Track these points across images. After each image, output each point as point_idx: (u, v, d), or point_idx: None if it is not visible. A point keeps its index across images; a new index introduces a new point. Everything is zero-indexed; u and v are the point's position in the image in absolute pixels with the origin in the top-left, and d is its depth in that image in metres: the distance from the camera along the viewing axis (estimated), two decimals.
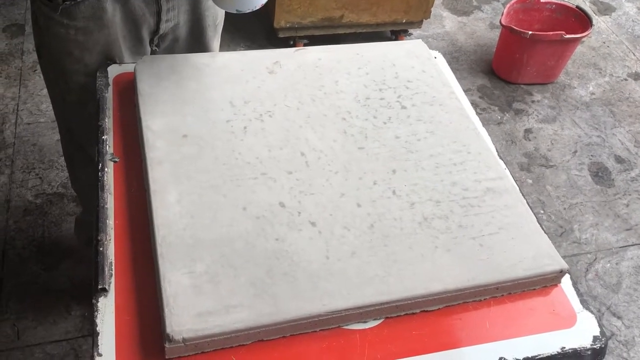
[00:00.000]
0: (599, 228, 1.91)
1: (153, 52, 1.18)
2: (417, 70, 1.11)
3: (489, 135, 1.06)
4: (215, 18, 1.23)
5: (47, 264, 1.59)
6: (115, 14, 1.06)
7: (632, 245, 1.86)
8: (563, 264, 0.84)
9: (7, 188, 1.75)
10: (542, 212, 1.93)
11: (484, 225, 0.87)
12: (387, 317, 0.79)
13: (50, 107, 1.99)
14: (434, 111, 1.04)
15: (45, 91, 2.06)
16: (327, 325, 0.77)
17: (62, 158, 1.84)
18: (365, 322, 0.78)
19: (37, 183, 1.77)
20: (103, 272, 0.78)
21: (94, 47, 1.08)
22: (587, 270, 1.78)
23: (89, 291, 1.51)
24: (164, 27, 1.14)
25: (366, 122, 1.01)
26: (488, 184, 0.93)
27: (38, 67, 2.16)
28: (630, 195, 2.03)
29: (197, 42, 1.24)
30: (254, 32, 2.46)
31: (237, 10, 0.96)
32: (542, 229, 0.89)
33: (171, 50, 1.21)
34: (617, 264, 1.81)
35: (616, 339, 1.62)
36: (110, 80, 1.07)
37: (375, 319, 0.79)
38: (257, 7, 0.97)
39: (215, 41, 1.29)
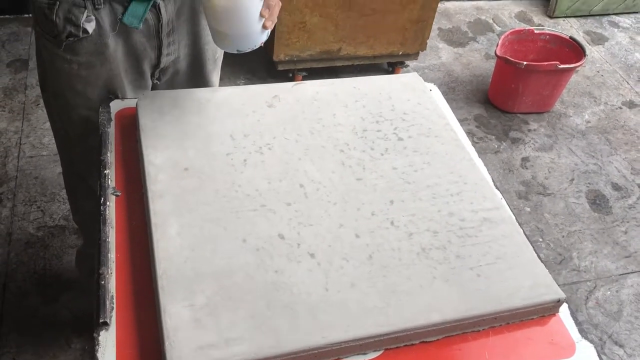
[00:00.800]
0: (598, 255, 1.91)
1: (154, 86, 1.21)
2: (413, 103, 1.14)
3: (487, 164, 1.07)
4: (214, 52, 1.26)
5: (48, 297, 1.59)
6: (117, 49, 1.09)
7: (631, 272, 1.86)
8: (560, 293, 0.85)
9: (9, 221, 1.76)
10: (540, 240, 1.93)
11: (482, 255, 0.88)
12: (386, 349, 0.80)
13: (53, 141, 2.01)
14: (430, 142, 1.06)
15: (47, 125, 2.09)
16: (327, 357, 0.77)
17: (64, 191, 1.86)
18: (365, 353, 0.79)
19: (39, 216, 1.79)
20: (104, 306, 0.79)
21: (96, 82, 1.11)
22: (588, 298, 1.78)
23: (89, 324, 1.51)
24: (165, 60, 1.17)
25: (364, 154, 1.03)
26: (485, 214, 0.95)
27: (41, 101, 2.19)
28: (628, 222, 2.04)
29: (197, 76, 1.26)
30: (253, 65, 2.50)
31: (237, 50, 0.99)
32: (539, 258, 0.90)
33: (172, 83, 1.24)
34: (617, 291, 1.80)
35: None
36: (113, 115, 1.09)
37: (374, 351, 0.79)
38: (257, 46, 1.00)
39: (215, 74, 1.32)
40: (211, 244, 0.85)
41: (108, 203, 0.92)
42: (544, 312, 0.86)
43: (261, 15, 0.96)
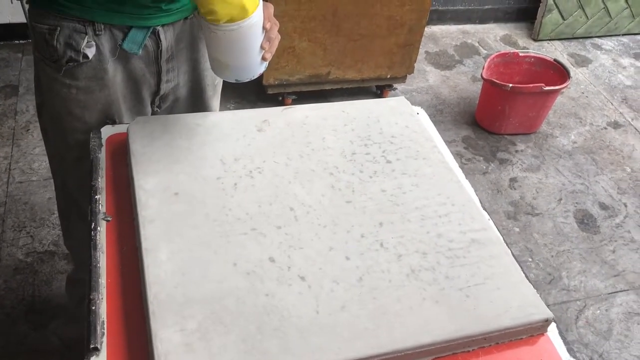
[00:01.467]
0: (587, 275, 1.93)
1: (154, 113, 1.22)
2: (400, 126, 1.16)
3: (475, 185, 1.09)
4: (214, 78, 1.28)
5: (37, 324, 1.57)
6: (116, 74, 1.10)
7: (620, 291, 1.88)
8: (548, 313, 0.86)
9: None
10: (530, 260, 1.95)
11: (470, 276, 0.89)
12: None
13: (42, 166, 2.02)
14: (417, 165, 1.07)
15: (37, 150, 2.09)
16: None
17: (54, 216, 1.86)
18: None
19: (28, 241, 1.78)
20: (95, 331, 0.78)
21: (94, 106, 1.12)
22: (578, 317, 1.79)
23: (79, 351, 1.49)
24: (165, 87, 1.18)
25: (353, 177, 1.04)
26: (473, 235, 0.96)
27: (31, 127, 2.20)
28: (616, 241, 2.06)
29: (197, 102, 1.28)
30: (243, 89, 2.52)
31: (236, 80, 1.02)
32: (528, 278, 0.91)
33: (172, 110, 1.25)
34: (606, 310, 1.82)
35: None
36: (104, 141, 1.09)
37: None
38: (255, 77, 1.02)
39: (215, 100, 1.33)
40: (202, 268, 0.86)
41: (99, 228, 0.93)
42: (533, 331, 0.87)
43: (262, 48, 0.99)
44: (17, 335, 1.54)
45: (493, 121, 2.51)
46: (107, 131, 1.12)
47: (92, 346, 0.77)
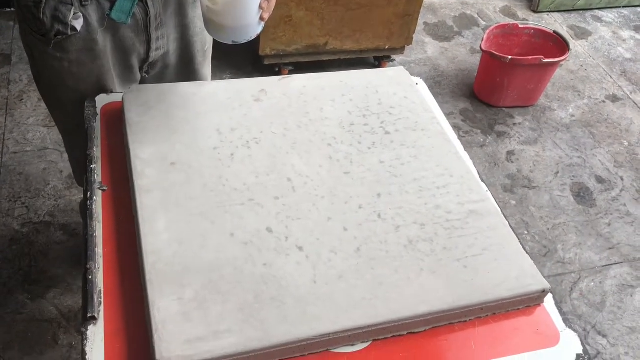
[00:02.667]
0: (582, 247, 1.94)
1: (142, 79, 1.20)
2: (399, 97, 1.14)
3: (472, 157, 1.08)
4: (204, 44, 1.25)
5: (34, 294, 1.57)
6: (106, 44, 1.08)
7: (615, 263, 1.89)
8: (545, 284, 0.86)
9: None
10: (526, 232, 1.96)
11: (468, 247, 0.89)
12: (374, 340, 0.80)
13: (37, 136, 2.00)
14: (416, 136, 1.07)
15: (31, 120, 2.07)
16: (316, 349, 0.78)
17: (49, 187, 1.85)
18: (353, 344, 0.79)
19: (24, 212, 1.77)
20: (92, 300, 0.78)
21: (87, 78, 1.11)
22: (572, 289, 1.80)
23: (76, 320, 1.50)
24: (154, 55, 1.16)
25: (351, 148, 1.03)
26: (471, 206, 0.96)
27: (25, 97, 2.17)
28: (611, 214, 2.07)
29: (187, 69, 1.26)
30: (239, 59, 2.49)
31: (233, 41, 0.99)
32: (525, 249, 0.91)
33: (161, 77, 1.23)
34: (600, 282, 1.83)
35: (602, 358, 1.64)
36: (98, 110, 1.08)
37: (363, 342, 0.80)
38: (253, 37, 1.00)
39: (206, 66, 1.31)
40: (199, 238, 0.85)
41: (95, 198, 0.92)
42: (530, 302, 0.87)
43: (260, 7, 0.96)
44: (15, 305, 1.54)
45: (491, 94, 2.49)
46: (101, 100, 1.10)
47: (89, 315, 0.77)
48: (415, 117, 1.10)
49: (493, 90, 2.48)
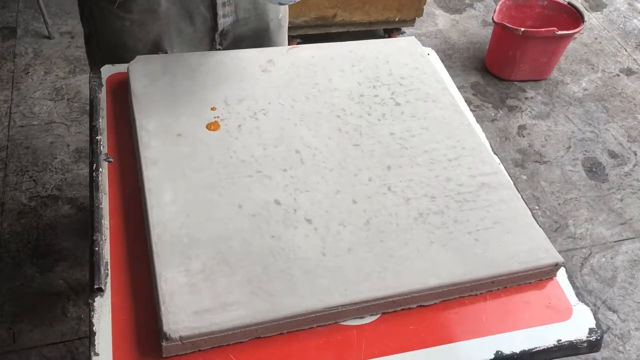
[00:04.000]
0: (594, 223, 1.91)
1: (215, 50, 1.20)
2: (410, 67, 1.12)
3: (483, 132, 1.06)
4: (277, 12, 1.24)
5: (42, 267, 1.58)
6: (170, 7, 1.08)
7: (626, 239, 1.87)
8: (558, 257, 0.85)
9: (1, 191, 1.74)
10: (536, 207, 1.94)
11: (479, 220, 0.88)
12: (383, 313, 0.79)
13: (43, 110, 1.99)
14: (427, 107, 1.04)
15: (38, 93, 2.05)
16: (324, 321, 0.77)
17: (56, 160, 1.84)
18: (362, 317, 0.79)
19: (31, 186, 1.77)
20: (99, 272, 0.78)
21: (146, 38, 1.12)
22: (582, 265, 1.79)
23: (85, 293, 1.51)
24: (222, 22, 1.15)
25: (360, 119, 1.01)
26: (483, 178, 0.94)
27: (30, 70, 2.16)
28: (624, 189, 2.04)
29: (260, 40, 1.25)
30: None
31: (279, 2, 0.99)
32: (537, 223, 0.90)
33: (235, 47, 1.21)
34: (612, 258, 1.81)
35: (612, 333, 1.63)
36: (104, 81, 1.06)
37: (372, 315, 0.79)
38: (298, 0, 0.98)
39: (282, 36, 1.29)
40: (206, 210, 0.84)
41: (100, 169, 0.91)
42: (542, 276, 0.85)
43: None
44: (24, 278, 1.55)
45: (503, 67, 2.44)
46: (107, 71, 1.08)
47: (96, 287, 0.77)
48: (427, 88, 1.08)
49: (505, 64, 2.43)
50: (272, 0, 0.99)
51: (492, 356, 0.77)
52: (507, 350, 0.78)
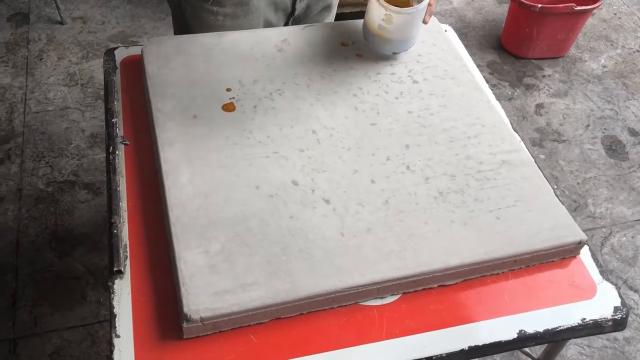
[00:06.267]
0: (614, 202, 1.88)
1: None
2: (427, 44, 1.09)
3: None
4: None
5: (61, 252, 1.59)
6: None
7: None
8: (582, 235, 0.83)
9: (19, 177, 1.75)
10: (555, 187, 1.90)
11: (501, 198, 0.86)
12: (404, 293, 0.79)
13: (58, 96, 1.99)
14: (446, 85, 1.02)
15: (51, 79, 2.05)
16: (344, 301, 0.76)
17: (72, 146, 1.84)
18: (382, 297, 0.78)
19: (48, 171, 1.77)
20: (118, 255, 0.78)
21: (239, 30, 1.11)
22: (603, 244, 1.76)
23: (103, 277, 1.52)
24: (299, 7, 1.17)
25: (377, 98, 0.99)
26: (503, 156, 0.92)
27: (44, 55, 2.15)
28: None
29: (322, 17, 1.26)
30: None
31: (394, 52, 1.05)
32: (560, 200, 0.88)
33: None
34: (632, 237, 1.78)
35: (633, 312, 1.61)
36: (118, 63, 1.06)
37: (392, 295, 0.78)
38: (411, 47, 1.06)
39: (334, 11, 1.30)
40: (224, 191, 0.83)
41: (117, 152, 0.91)
42: (565, 254, 0.84)
43: (424, 22, 1.01)
44: (43, 263, 1.56)
45: (520, 45, 2.40)
46: (120, 53, 1.08)
47: (115, 269, 0.76)
48: (445, 65, 1.06)
49: (521, 41, 2.38)
50: (387, 51, 1.04)
51: (515, 335, 0.76)
52: (530, 330, 0.77)
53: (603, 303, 0.80)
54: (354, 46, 1.07)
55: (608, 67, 2.41)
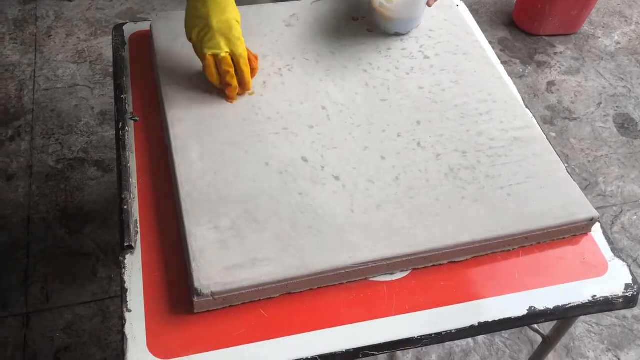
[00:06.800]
0: (625, 180, 1.87)
1: None
2: (439, 19, 1.08)
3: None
4: None
5: (72, 228, 1.60)
6: None
7: None
8: (594, 212, 0.83)
9: (29, 154, 1.76)
10: (566, 165, 1.88)
11: (512, 174, 0.85)
12: (414, 269, 0.79)
13: (67, 73, 1.99)
14: (457, 60, 1.01)
15: (60, 56, 2.05)
16: (354, 277, 0.76)
17: (81, 123, 1.85)
18: (392, 273, 0.78)
19: (58, 148, 1.78)
20: (129, 230, 0.78)
21: None
22: (613, 222, 1.75)
23: (114, 254, 1.53)
24: None
25: (388, 74, 0.98)
26: (515, 133, 0.91)
27: (52, 32, 2.15)
28: None
29: None
30: None
31: (396, 32, 1.04)
32: (575, 180, 0.87)
33: None
34: None
35: None
36: (127, 39, 1.05)
37: (402, 271, 0.78)
38: (414, 29, 1.05)
39: None
40: (233, 168, 0.83)
41: (127, 128, 0.90)
42: (576, 231, 0.84)
43: (428, 5, 1.00)
44: (54, 239, 1.57)
45: (532, 21, 2.36)
46: (129, 29, 1.07)
47: (126, 244, 0.77)
48: (456, 40, 1.04)
49: (533, 18, 2.34)
50: (389, 30, 1.03)
51: (525, 312, 0.76)
52: (540, 306, 0.76)
53: (614, 280, 0.80)
54: (364, 21, 1.06)
55: (621, 44, 2.37)
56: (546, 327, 1.01)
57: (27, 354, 1.38)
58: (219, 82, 0.90)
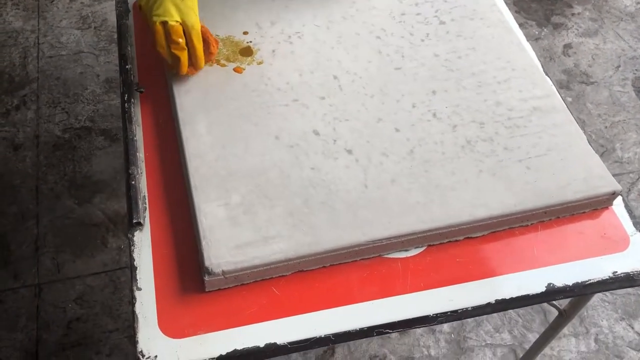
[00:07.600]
0: None
1: None
2: None
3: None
4: None
5: (81, 198, 1.59)
6: None
7: None
8: (616, 186, 0.80)
9: (35, 123, 1.74)
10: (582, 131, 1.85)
11: (531, 146, 0.82)
12: (429, 245, 0.77)
13: (71, 39, 1.95)
14: (474, 26, 0.97)
15: (64, 23, 2.00)
16: (368, 254, 0.75)
17: (87, 91, 1.82)
18: (406, 250, 0.76)
19: (64, 118, 1.76)
20: (137, 206, 0.76)
21: None
22: (630, 190, 1.72)
23: (123, 224, 1.52)
24: None
25: (402, 40, 0.94)
26: (535, 102, 0.88)
27: None
28: None
29: None
30: None
31: None
32: (593, 148, 0.84)
33: None
34: None
35: None
36: (130, 6, 1.01)
37: (417, 247, 0.76)
38: None
39: None
40: (242, 141, 0.81)
41: (133, 100, 0.88)
42: (597, 205, 0.81)
43: None
44: (63, 210, 1.57)
45: None
46: None
47: (134, 221, 0.75)
48: (473, 5, 1.00)
49: None
50: None
51: (544, 289, 0.74)
52: (559, 283, 0.74)
53: (636, 255, 0.77)
54: None
55: None
56: (563, 301, 1.00)
57: (40, 324, 1.38)
58: (170, 56, 0.82)
